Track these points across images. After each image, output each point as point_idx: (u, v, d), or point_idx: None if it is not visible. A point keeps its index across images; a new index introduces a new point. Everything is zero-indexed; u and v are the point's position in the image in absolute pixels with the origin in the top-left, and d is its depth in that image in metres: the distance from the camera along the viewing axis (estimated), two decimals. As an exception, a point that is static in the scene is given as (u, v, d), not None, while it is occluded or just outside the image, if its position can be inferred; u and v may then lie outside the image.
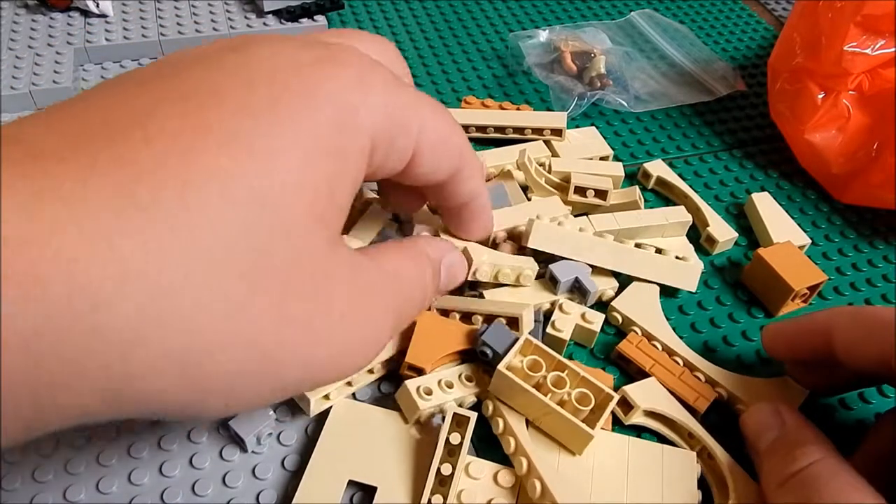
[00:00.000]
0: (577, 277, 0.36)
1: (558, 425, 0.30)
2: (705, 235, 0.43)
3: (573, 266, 0.37)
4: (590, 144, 0.48)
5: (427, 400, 0.31)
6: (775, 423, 0.30)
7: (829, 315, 0.31)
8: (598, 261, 0.37)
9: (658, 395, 0.33)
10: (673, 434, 0.33)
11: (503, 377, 0.30)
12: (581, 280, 0.36)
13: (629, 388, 0.33)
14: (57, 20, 0.55)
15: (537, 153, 0.46)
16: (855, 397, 0.36)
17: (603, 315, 0.36)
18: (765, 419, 0.31)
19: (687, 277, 0.38)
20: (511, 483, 0.30)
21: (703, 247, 0.43)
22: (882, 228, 0.46)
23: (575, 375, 0.31)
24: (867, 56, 0.42)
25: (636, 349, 0.35)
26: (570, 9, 0.66)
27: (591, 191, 0.41)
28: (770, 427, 0.30)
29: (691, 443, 0.32)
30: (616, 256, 0.38)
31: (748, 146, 0.52)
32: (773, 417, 0.31)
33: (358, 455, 0.31)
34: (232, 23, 0.56)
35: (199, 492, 0.31)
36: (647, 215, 0.41)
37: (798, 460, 0.27)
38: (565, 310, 0.36)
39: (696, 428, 0.32)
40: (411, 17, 0.62)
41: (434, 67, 0.56)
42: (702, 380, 0.34)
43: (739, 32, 0.64)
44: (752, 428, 0.31)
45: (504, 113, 0.49)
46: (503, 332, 0.32)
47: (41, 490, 0.30)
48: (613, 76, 0.53)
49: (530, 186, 0.43)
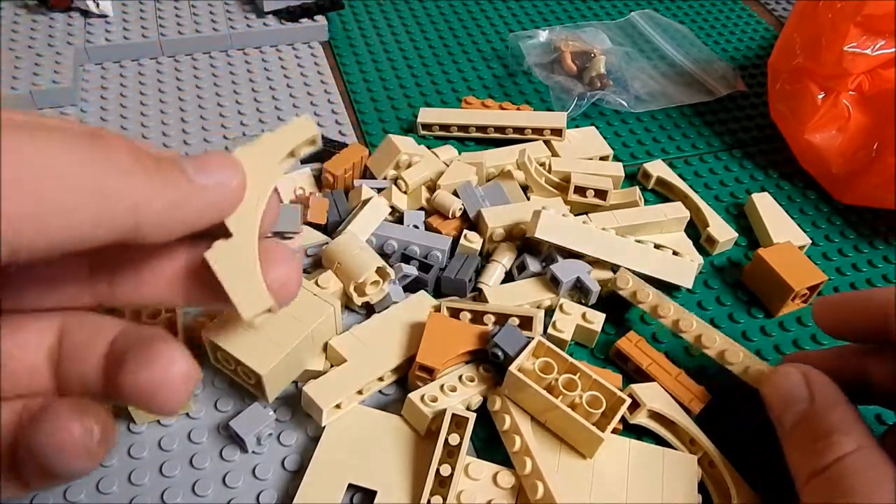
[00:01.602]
0: (579, 277, 0.36)
1: (568, 428, 0.30)
2: (705, 236, 0.43)
3: (573, 266, 0.37)
4: (590, 144, 0.48)
5: (433, 406, 0.31)
6: (803, 394, 0.26)
7: (885, 293, 0.28)
8: (599, 253, 0.37)
9: (663, 399, 0.33)
10: (675, 439, 0.33)
11: (514, 378, 0.30)
12: (582, 279, 0.36)
13: (636, 386, 0.33)
14: (57, 20, 0.55)
15: (537, 153, 0.46)
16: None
17: (604, 315, 0.36)
18: (791, 389, 0.27)
19: (684, 273, 0.38)
20: (511, 484, 0.30)
21: (703, 247, 0.43)
22: (882, 228, 0.46)
23: (587, 378, 0.31)
24: (867, 56, 0.42)
25: (635, 348, 0.35)
26: (570, 9, 0.65)
27: (590, 191, 0.41)
28: (797, 399, 0.27)
29: (693, 449, 0.32)
30: (617, 250, 0.38)
31: (748, 146, 0.52)
32: (801, 387, 0.27)
33: (358, 457, 0.31)
34: (232, 23, 0.56)
35: (200, 492, 0.31)
36: (645, 212, 0.42)
37: (828, 452, 0.24)
38: (566, 310, 0.36)
39: (699, 434, 0.32)
40: (411, 17, 0.62)
41: (434, 67, 0.56)
42: (716, 339, 0.34)
43: (739, 32, 0.64)
44: (776, 399, 0.28)
45: (504, 113, 0.49)
46: (515, 335, 0.32)
47: (41, 490, 0.30)
48: (613, 76, 0.53)
49: (530, 186, 0.43)
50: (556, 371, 0.31)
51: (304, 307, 0.32)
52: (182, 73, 0.54)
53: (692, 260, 0.39)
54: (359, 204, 0.39)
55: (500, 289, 0.37)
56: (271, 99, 0.52)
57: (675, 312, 0.35)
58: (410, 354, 0.34)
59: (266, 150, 0.26)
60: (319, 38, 0.58)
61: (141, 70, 0.54)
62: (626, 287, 0.36)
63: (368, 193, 0.40)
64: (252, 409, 0.32)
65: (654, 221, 0.41)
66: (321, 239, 0.39)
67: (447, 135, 0.48)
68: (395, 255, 0.38)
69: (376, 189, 0.41)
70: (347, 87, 0.54)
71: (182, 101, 0.51)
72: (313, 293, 0.33)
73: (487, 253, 0.40)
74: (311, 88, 0.53)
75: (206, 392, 0.34)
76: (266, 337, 0.31)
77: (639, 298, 0.35)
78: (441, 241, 0.39)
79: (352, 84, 0.54)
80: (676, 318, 0.35)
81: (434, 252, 0.38)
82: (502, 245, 0.40)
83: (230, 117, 0.50)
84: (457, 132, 0.48)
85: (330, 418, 0.32)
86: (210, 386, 0.34)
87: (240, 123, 0.50)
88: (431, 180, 0.43)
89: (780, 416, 0.27)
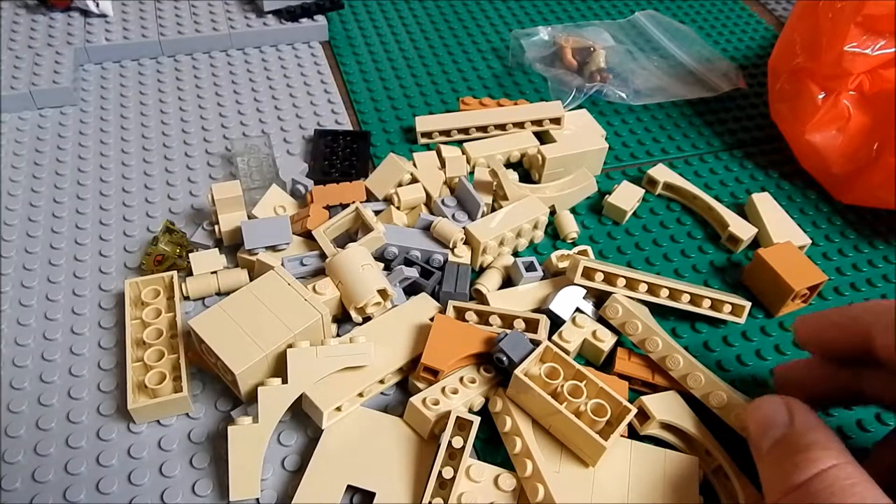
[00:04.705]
0: (578, 307, 0.36)
1: (572, 435, 0.30)
2: (727, 236, 0.42)
3: (569, 297, 0.36)
4: (583, 129, 0.48)
5: (435, 409, 0.31)
6: (782, 419, 0.26)
7: (866, 311, 0.28)
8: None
9: (677, 409, 0.32)
10: (689, 450, 0.32)
11: (520, 382, 0.30)
12: (581, 308, 0.36)
13: (647, 398, 0.32)
14: (57, 20, 0.55)
15: (526, 143, 0.47)
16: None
17: (616, 337, 0.35)
18: (770, 414, 0.27)
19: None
20: (512, 487, 0.30)
21: (725, 247, 0.43)
22: (882, 228, 0.46)
23: (593, 386, 0.31)
24: (867, 56, 0.42)
25: (630, 364, 0.35)
26: (571, 9, 0.65)
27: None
28: (775, 424, 0.26)
29: (708, 461, 0.32)
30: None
31: (748, 146, 0.52)
32: (780, 413, 0.27)
33: (357, 458, 0.31)
34: (232, 23, 0.56)
35: (200, 491, 0.31)
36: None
37: (808, 466, 0.24)
38: (578, 323, 0.36)
39: (713, 446, 0.31)
40: (411, 17, 0.62)
41: (434, 67, 0.56)
42: (702, 380, 0.34)
43: (740, 32, 0.64)
44: (755, 423, 0.27)
45: (502, 110, 0.48)
46: (520, 341, 0.32)
47: (41, 490, 0.30)
48: (614, 72, 0.53)
49: (505, 191, 0.42)
50: (562, 377, 0.31)
51: (292, 311, 0.32)
52: (182, 73, 0.54)
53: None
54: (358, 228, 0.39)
55: (500, 294, 0.37)
56: (271, 99, 0.52)
57: (663, 348, 0.34)
58: (412, 357, 0.34)
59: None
60: (319, 37, 0.58)
61: (141, 70, 0.54)
62: (616, 317, 0.35)
63: (369, 215, 0.39)
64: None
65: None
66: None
67: (448, 139, 0.48)
68: (396, 260, 0.38)
69: (375, 211, 0.40)
70: (347, 87, 0.54)
71: (182, 101, 0.51)
72: (305, 298, 0.33)
73: (481, 267, 0.40)
74: (311, 88, 0.53)
75: (206, 392, 0.34)
76: (248, 336, 0.31)
77: (628, 330, 0.35)
78: (442, 246, 0.39)
79: (352, 84, 0.54)
80: (664, 356, 0.34)
81: (436, 256, 0.38)
82: (504, 249, 0.40)
83: (230, 117, 0.50)
84: (457, 135, 0.48)
85: (330, 421, 0.32)
86: (210, 386, 0.34)
87: (240, 123, 0.50)
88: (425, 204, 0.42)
89: (759, 440, 0.27)
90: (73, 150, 0.47)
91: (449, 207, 0.41)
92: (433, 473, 0.29)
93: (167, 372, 0.33)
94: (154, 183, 0.45)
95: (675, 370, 0.34)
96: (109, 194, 0.44)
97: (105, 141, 0.47)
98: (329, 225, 0.38)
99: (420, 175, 0.43)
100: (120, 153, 0.47)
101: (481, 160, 0.45)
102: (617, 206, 0.43)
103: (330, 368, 0.31)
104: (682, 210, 0.46)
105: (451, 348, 0.33)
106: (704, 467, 0.32)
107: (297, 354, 0.31)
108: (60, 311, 0.37)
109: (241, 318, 0.32)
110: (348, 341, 0.33)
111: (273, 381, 0.31)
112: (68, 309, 0.37)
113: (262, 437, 0.30)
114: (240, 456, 0.30)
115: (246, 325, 0.32)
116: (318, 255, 0.38)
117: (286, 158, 0.47)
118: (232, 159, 0.47)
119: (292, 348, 0.31)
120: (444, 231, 0.38)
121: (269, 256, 0.37)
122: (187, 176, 0.45)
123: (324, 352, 0.32)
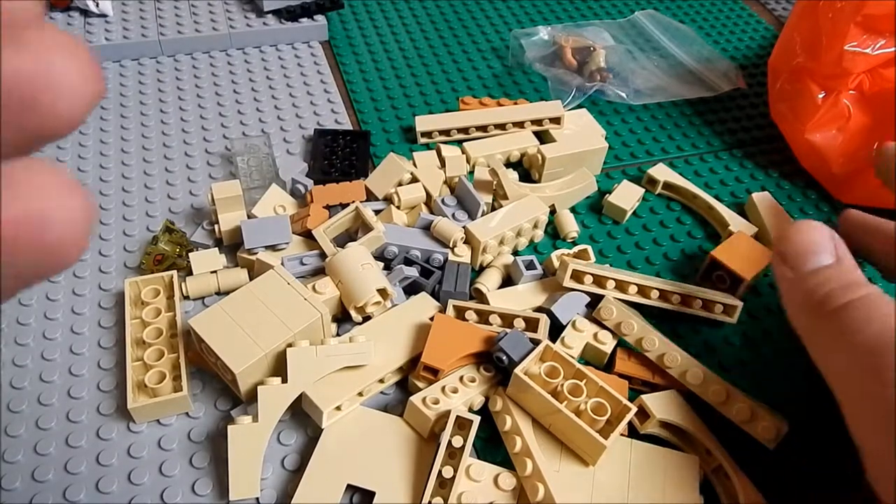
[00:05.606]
0: (577, 314, 0.36)
1: (572, 434, 0.30)
2: (727, 235, 0.42)
3: (571, 302, 0.36)
4: (583, 129, 0.48)
5: (435, 408, 0.31)
6: (829, 249, 0.26)
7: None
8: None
9: (677, 408, 0.32)
10: (689, 449, 0.32)
11: (520, 381, 0.30)
12: (581, 314, 0.36)
13: (647, 397, 0.32)
14: (57, 20, 0.55)
15: (526, 142, 0.47)
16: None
17: (617, 339, 0.36)
18: (819, 240, 0.26)
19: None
20: (512, 486, 0.30)
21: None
22: (882, 228, 0.46)
23: (593, 385, 0.31)
24: (867, 56, 0.42)
25: (630, 364, 0.35)
26: (570, 9, 0.65)
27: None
28: (824, 250, 0.26)
29: (708, 460, 0.32)
30: None
31: (748, 146, 0.52)
32: (828, 244, 0.26)
33: (357, 457, 0.31)
34: (232, 22, 0.56)
35: (199, 491, 0.31)
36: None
37: (850, 290, 0.24)
38: (578, 327, 0.36)
39: (714, 445, 0.31)
40: (411, 17, 0.62)
41: (434, 67, 0.56)
42: (701, 376, 0.33)
43: (740, 32, 0.64)
44: (800, 244, 0.26)
45: (502, 110, 0.48)
46: (520, 340, 0.32)
47: (41, 489, 0.30)
48: (614, 71, 0.53)
49: (505, 191, 0.42)
50: (562, 376, 0.31)
51: (292, 310, 0.32)
52: (182, 73, 0.54)
53: None
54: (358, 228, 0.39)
55: (500, 293, 0.37)
56: (271, 98, 0.52)
57: (660, 346, 0.34)
58: (411, 356, 0.34)
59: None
60: (319, 37, 0.58)
61: (141, 70, 0.54)
62: (610, 318, 0.35)
63: (369, 215, 0.39)
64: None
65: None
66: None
67: (448, 139, 0.48)
68: (396, 259, 0.38)
69: (375, 211, 0.40)
70: (347, 87, 0.54)
71: (182, 100, 0.51)
72: (304, 297, 0.33)
73: (481, 266, 0.40)
74: (311, 88, 0.53)
75: (206, 391, 0.34)
76: (248, 335, 0.31)
77: (623, 331, 0.35)
78: (442, 245, 0.39)
79: (352, 83, 0.54)
80: (662, 353, 0.34)
81: (436, 255, 0.38)
82: (504, 248, 0.40)
83: (230, 117, 0.50)
84: (457, 135, 0.48)
85: (330, 420, 0.32)
86: (210, 386, 0.34)
87: (239, 123, 0.50)
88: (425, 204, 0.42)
89: (797, 259, 0.26)
90: (72, 149, 0.47)
91: (449, 207, 0.41)
92: (433, 473, 0.29)
93: (167, 371, 0.33)
94: (154, 182, 0.45)
95: (673, 367, 0.33)
96: (109, 194, 0.44)
97: (105, 140, 0.47)
98: (329, 224, 0.38)
99: (420, 174, 0.43)
100: (120, 153, 0.47)
101: (481, 160, 0.45)
102: (617, 205, 0.43)
103: (330, 368, 0.31)
104: (683, 209, 0.46)
105: (450, 347, 0.33)
106: (704, 466, 0.32)
107: (296, 354, 0.31)
108: (60, 311, 0.37)
109: (241, 317, 0.32)
110: (348, 340, 0.33)
111: (273, 380, 0.31)
112: (68, 308, 0.37)
113: (261, 437, 0.30)
114: (239, 455, 0.30)
115: (246, 325, 0.32)
116: (317, 254, 0.38)
117: (286, 158, 0.47)
118: (232, 159, 0.47)
119: (292, 348, 0.31)
120: (444, 230, 0.38)
121: (269, 256, 0.37)
122: (187, 175, 0.45)
123: (323, 351, 0.32)
